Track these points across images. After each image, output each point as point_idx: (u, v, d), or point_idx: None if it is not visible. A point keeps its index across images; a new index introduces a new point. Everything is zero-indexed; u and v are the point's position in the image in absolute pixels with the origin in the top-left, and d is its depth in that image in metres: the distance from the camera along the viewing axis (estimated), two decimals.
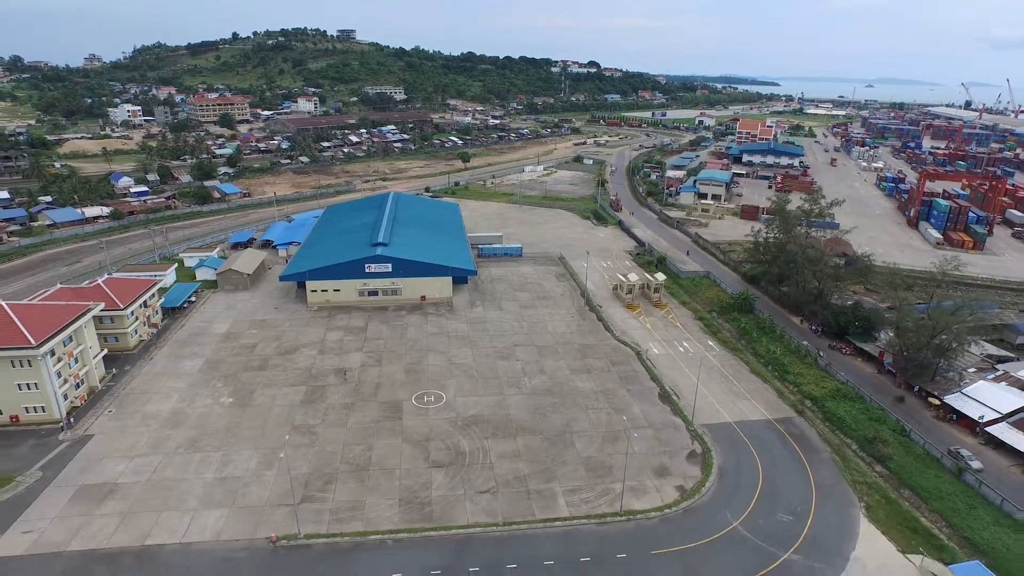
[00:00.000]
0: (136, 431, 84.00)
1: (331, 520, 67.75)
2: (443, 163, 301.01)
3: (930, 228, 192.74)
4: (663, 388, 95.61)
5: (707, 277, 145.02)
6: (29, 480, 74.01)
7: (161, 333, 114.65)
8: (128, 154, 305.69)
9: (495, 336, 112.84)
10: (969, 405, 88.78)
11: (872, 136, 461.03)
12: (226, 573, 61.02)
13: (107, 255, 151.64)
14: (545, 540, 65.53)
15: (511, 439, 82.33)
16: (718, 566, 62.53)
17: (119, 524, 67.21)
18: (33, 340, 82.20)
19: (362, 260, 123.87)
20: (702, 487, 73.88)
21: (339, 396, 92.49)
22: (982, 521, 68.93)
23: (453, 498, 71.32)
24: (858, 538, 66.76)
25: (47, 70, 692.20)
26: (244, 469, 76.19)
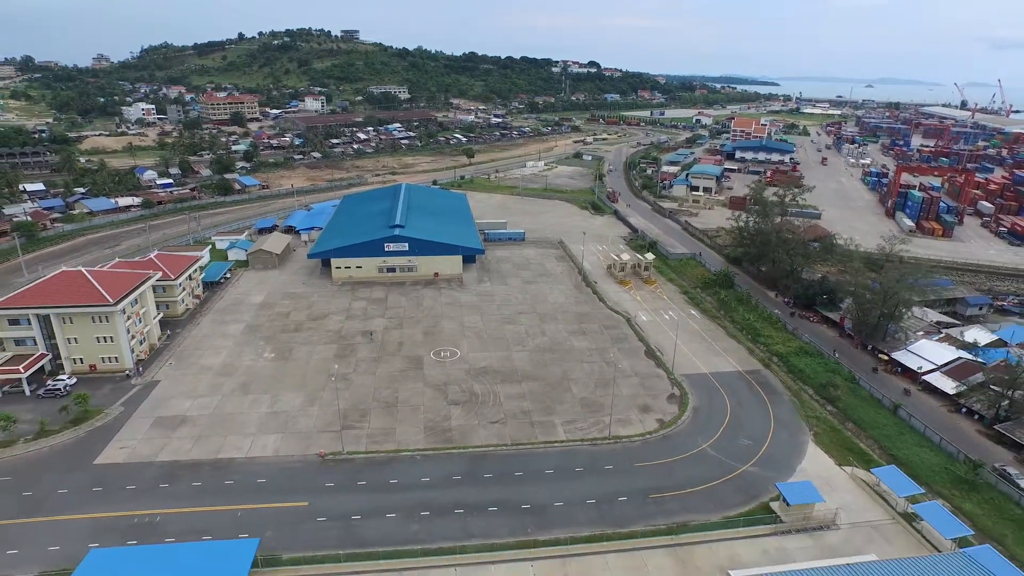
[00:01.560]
0: (195, 378, 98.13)
1: (368, 442, 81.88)
2: (448, 159, 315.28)
3: (905, 217, 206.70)
4: (649, 347, 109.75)
5: (693, 259, 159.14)
6: (114, 413, 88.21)
7: (204, 303, 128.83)
8: (146, 150, 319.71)
9: (501, 306, 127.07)
10: (911, 359, 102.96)
11: (864, 135, 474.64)
12: (286, 477, 75.11)
13: (148, 238, 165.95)
14: (546, 457, 79.62)
15: (517, 384, 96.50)
16: (689, 474, 76.59)
17: (194, 443, 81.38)
18: (110, 299, 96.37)
19: (382, 240, 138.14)
20: (678, 420, 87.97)
21: (367, 352, 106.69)
22: (907, 443, 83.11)
23: (468, 427, 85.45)
24: (805, 456, 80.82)
25: (58, 70, 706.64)
26: (291, 406, 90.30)
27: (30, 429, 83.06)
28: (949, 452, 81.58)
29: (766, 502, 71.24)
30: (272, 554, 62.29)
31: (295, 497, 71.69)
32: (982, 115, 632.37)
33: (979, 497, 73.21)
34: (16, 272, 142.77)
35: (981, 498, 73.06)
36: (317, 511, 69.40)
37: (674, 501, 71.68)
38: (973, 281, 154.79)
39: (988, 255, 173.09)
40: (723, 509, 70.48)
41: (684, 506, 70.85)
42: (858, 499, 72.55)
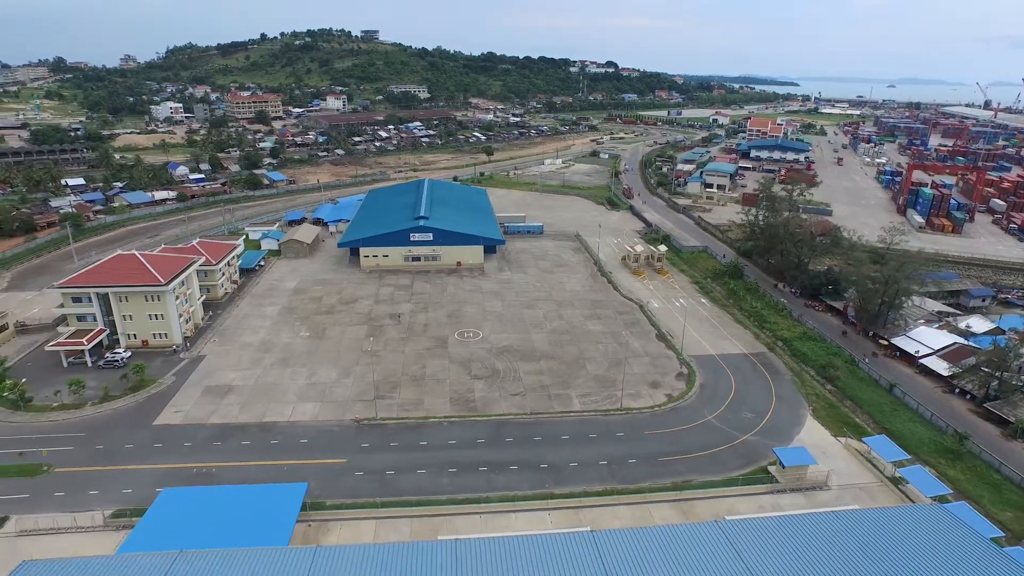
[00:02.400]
0: (238, 354, 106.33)
1: (399, 410, 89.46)
2: (468, 156, 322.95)
3: (915, 214, 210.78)
4: (659, 330, 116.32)
5: (705, 251, 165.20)
6: (167, 382, 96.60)
7: (241, 288, 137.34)
8: (175, 147, 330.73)
9: (521, 292, 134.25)
10: (909, 344, 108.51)
11: (882, 134, 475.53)
12: (326, 439, 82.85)
13: (185, 229, 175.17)
14: (562, 425, 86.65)
15: (535, 362, 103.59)
16: (694, 441, 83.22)
17: (241, 409, 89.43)
18: (162, 279, 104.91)
19: (407, 230, 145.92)
20: (686, 395, 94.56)
21: (395, 332, 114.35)
22: (900, 419, 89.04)
23: (491, 398, 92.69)
24: (803, 427, 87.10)
25: (88, 70, 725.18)
26: (327, 378, 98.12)
27: (95, 395, 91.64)
28: (939, 426, 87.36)
29: (764, 465, 77.69)
30: (317, 500, 69.91)
31: (334, 455, 79.37)
32: (1005, 115, 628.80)
33: (963, 465, 79.06)
34: (67, 259, 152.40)
35: (964, 465, 78.91)
36: (355, 467, 77.05)
37: (679, 464, 78.37)
38: (980, 275, 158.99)
39: (996, 251, 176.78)
40: (724, 471, 77.09)
41: (689, 468, 77.52)
42: (850, 465, 78.77)
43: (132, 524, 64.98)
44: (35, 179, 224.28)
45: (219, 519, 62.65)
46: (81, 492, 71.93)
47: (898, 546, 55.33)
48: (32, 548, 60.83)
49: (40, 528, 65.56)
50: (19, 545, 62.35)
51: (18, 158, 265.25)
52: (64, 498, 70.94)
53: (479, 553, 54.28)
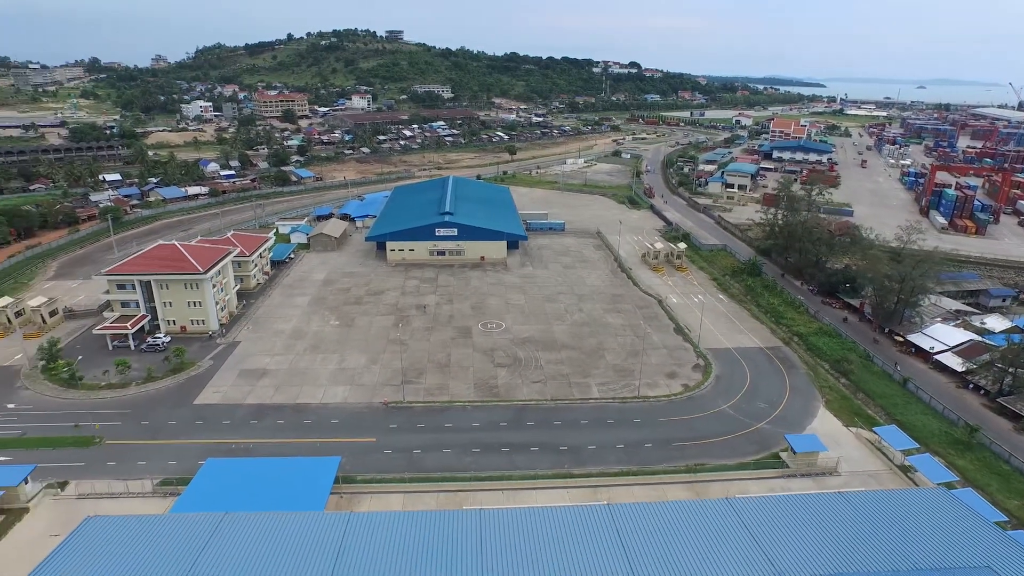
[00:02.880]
0: (271, 340, 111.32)
1: (425, 394, 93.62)
2: (491, 155, 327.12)
3: (938, 215, 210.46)
4: (677, 324, 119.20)
5: (724, 250, 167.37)
6: (205, 365, 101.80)
7: (272, 279, 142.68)
8: (206, 144, 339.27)
9: (542, 287, 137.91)
10: (925, 340, 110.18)
11: (908, 136, 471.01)
12: (356, 419, 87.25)
13: (218, 223, 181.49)
14: (581, 411, 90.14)
15: (556, 352, 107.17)
16: (708, 428, 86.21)
17: (275, 391, 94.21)
18: (200, 268, 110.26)
19: (432, 225, 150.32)
20: (701, 385, 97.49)
21: (421, 323, 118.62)
22: (912, 411, 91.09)
23: (513, 385, 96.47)
24: (816, 417, 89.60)
25: (121, 70, 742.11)
26: (356, 364, 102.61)
27: (139, 375, 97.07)
28: (950, 419, 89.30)
29: (776, 452, 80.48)
30: (348, 474, 74.16)
31: (364, 434, 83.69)
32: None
33: (972, 456, 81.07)
34: (108, 250, 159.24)
35: (974, 456, 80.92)
36: (384, 445, 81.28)
37: (694, 448, 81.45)
38: (1002, 276, 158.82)
39: (1021, 252, 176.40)
40: (737, 456, 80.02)
41: (702, 452, 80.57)
42: (860, 453, 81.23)
43: (178, 492, 69.81)
44: (75, 175, 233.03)
45: (259, 487, 67.22)
46: (130, 462, 77.06)
47: (902, 525, 57.95)
48: (90, 509, 65.52)
49: (96, 492, 70.72)
50: (79, 506, 67.47)
51: (58, 155, 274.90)
52: (115, 467, 76.11)
53: (502, 521, 57.99)
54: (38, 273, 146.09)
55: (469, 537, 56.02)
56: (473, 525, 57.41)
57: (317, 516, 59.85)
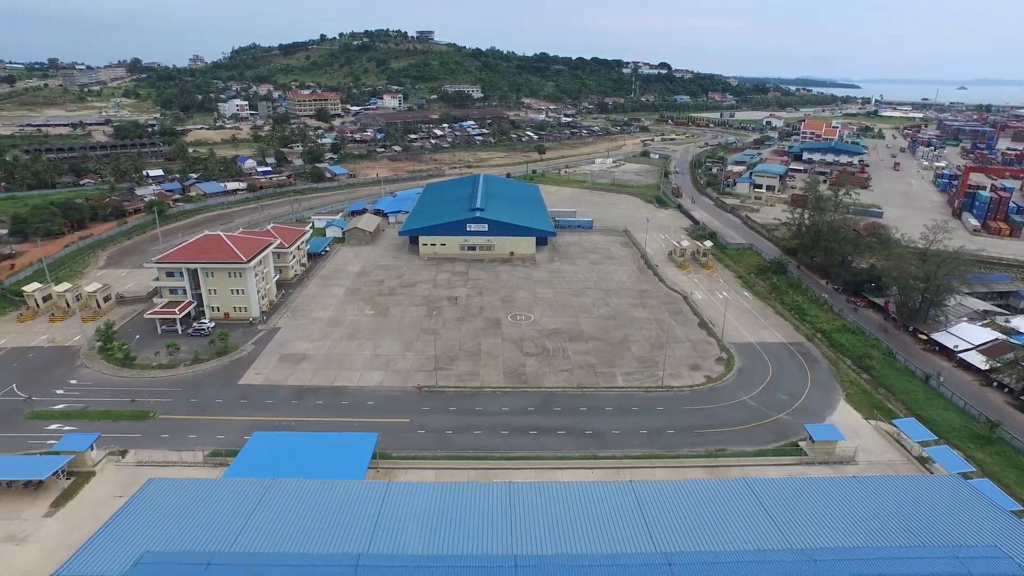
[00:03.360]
0: (309, 327, 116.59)
1: (456, 379, 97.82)
2: (520, 155, 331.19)
3: (971, 217, 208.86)
4: (702, 319, 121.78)
5: (750, 249, 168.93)
6: (248, 350, 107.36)
7: (309, 271, 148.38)
8: (242, 142, 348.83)
9: (570, 281, 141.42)
10: (949, 339, 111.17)
11: (944, 137, 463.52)
12: (390, 401, 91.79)
13: (256, 217, 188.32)
14: (607, 398, 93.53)
15: (583, 343, 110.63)
16: (729, 417, 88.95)
17: (314, 374, 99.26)
18: (244, 257, 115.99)
19: (464, 221, 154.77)
20: (724, 377, 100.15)
21: (452, 313, 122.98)
22: (934, 406, 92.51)
23: (541, 373, 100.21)
24: (836, 410, 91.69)
25: (160, 70, 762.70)
26: (391, 351, 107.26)
27: (186, 357, 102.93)
28: (971, 414, 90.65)
29: (795, 440, 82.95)
30: (384, 451, 78.56)
31: (399, 415, 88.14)
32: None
33: (992, 450, 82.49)
34: (153, 241, 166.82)
35: (993, 450, 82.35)
36: (417, 426, 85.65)
37: (714, 435, 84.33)
38: None
39: None
40: (756, 444, 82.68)
41: (723, 439, 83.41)
42: (878, 444, 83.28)
43: (227, 463, 74.86)
44: (121, 170, 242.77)
45: (303, 458, 71.96)
46: (182, 435, 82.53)
47: (913, 507, 60.32)
48: (149, 475, 70.87)
49: (153, 460, 76.25)
50: (138, 472, 72.91)
51: (104, 151, 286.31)
52: (169, 439, 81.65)
53: (530, 493, 61.74)
54: (90, 262, 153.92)
55: (499, 506, 59.86)
56: (503, 496, 61.25)
57: (357, 484, 64.28)
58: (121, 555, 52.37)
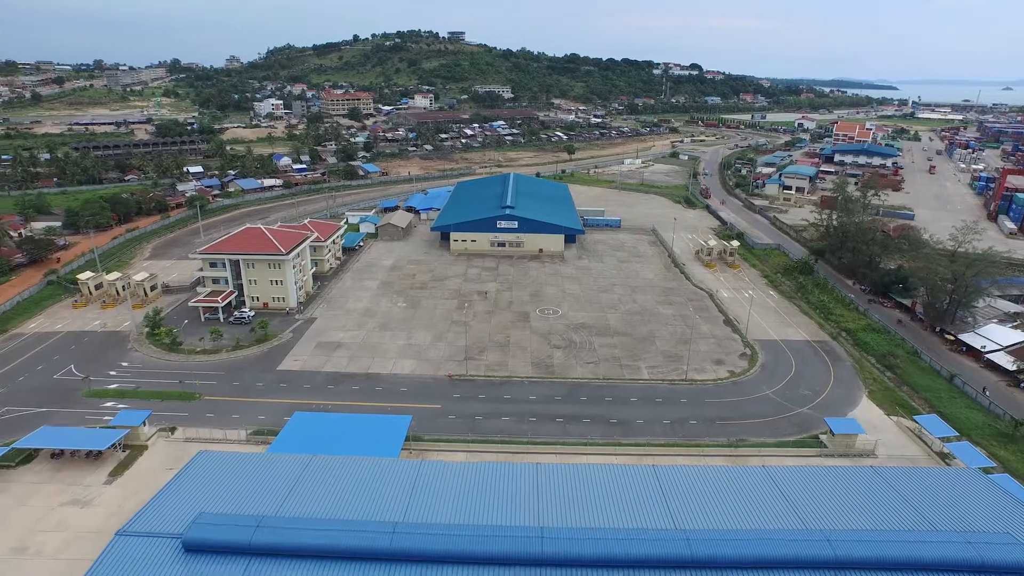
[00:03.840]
0: (344, 318, 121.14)
1: (486, 369, 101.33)
2: (550, 154, 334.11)
3: (1007, 220, 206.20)
4: (727, 316, 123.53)
5: (778, 249, 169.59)
6: (286, 337, 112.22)
7: (344, 264, 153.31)
8: (276, 140, 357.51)
9: (598, 278, 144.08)
10: (976, 340, 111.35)
11: (985, 140, 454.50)
12: (422, 388, 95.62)
13: (293, 212, 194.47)
14: (631, 389, 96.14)
15: (609, 337, 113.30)
16: (751, 410, 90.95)
17: (348, 361, 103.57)
18: (283, 249, 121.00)
19: (494, 218, 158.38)
20: (747, 372, 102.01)
21: (482, 307, 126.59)
22: (957, 405, 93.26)
23: (568, 364, 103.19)
24: (858, 406, 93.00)
25: (198, 70, 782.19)
26: (423, 341, 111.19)
27: (228, 344, 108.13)
28: (996, 414, 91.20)
29: (815, 434, 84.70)
30: (416, 434, 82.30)
31: (430, 402, 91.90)
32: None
33: (1016, 447, 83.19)
34: (195, 234, 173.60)
35: (1017, 448, 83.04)
36: (448, 412, 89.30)
37: (736, 427, 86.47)
38: None
39: None
40: (777, 436, 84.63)
41: (744, 431, 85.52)
42: (899, 439, 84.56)
43: (268, 441, 79.20)
44: (163, 167, 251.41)
45: (340, 437, 75.99)
46: (226, 416, 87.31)
47: (929, 495, 62.00)
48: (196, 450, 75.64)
49: (200, 437, 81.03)
50: (186, 447, 77.72)
51: (147, 149, 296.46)
52: (213, 418, 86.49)
53: (557, 473, 64.78)
54: (136, 254, 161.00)
55: (526, 484, 63.04)
56: (530, 475, 64.43)
57: (392, 461, 68.01)
58: (178, 516, 56.72)
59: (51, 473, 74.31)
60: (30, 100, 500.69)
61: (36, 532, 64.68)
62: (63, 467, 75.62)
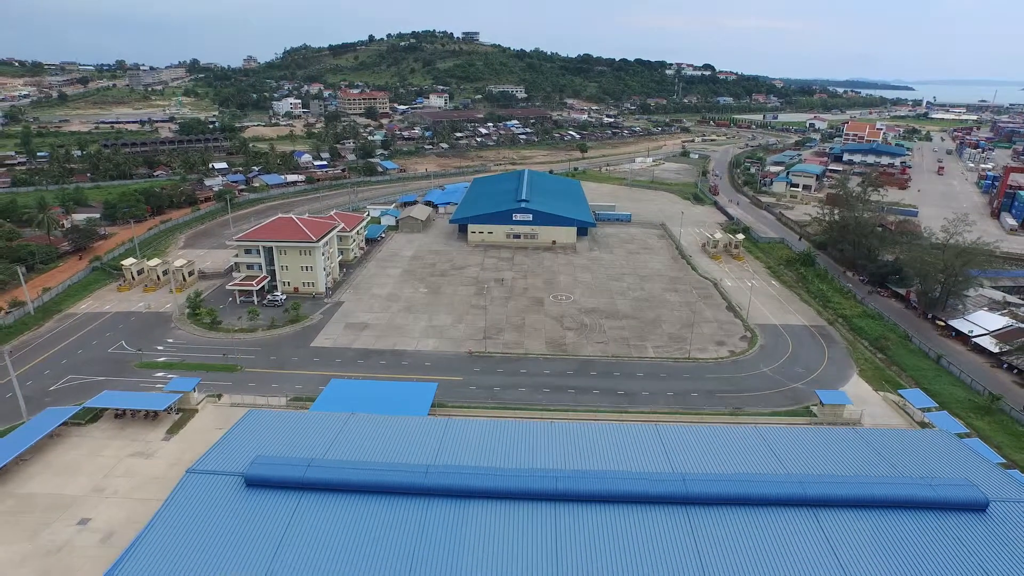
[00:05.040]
0: (370, 302, 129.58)
1: (503, 347, 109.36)
2: (562, 153, 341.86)
3: (1009, 217, 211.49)
4: (730, 303, 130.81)
5: (781, 242, 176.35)
6: (317, 318, 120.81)
7: (367, 254, 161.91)
8: (297, 138, 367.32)
9: (608, 268, 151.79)
10: (965, 325, 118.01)
11: (996, 139, 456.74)
12: (445, 363, 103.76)
13: (316, 206, 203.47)
14: (638, 365, 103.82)
15: (618, 320, 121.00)
16: (749, 385, 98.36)
17: (376, 339, 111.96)
18: (313, 237, 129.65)
19: (510, 211, 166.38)
20: (746, 352, 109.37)
21: (499, 293, 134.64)
22: (942, 383, 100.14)
23: (579, 344, 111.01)
24: (848, 382, 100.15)
25: (217, 70, 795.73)
26: (444, 322, 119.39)
27: (264, 323, 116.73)
28: (977, 390, 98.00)
29: (807, 405, 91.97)
30: (441, 401, 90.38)
31: (452, 375, 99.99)
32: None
33: (991, 419, 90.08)
34: (224, 226, 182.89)
35: (993, 419, 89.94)
36: (469, 383, 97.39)
37: (734, 398, 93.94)
38: None
39: None
40: (772, 407, 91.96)
41: (741, 402, 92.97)
42: (884, 411, 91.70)
43: (306, 407, 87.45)
44: (190, 163, 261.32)
45: (374, 400, 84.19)
46: (266, 385, 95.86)
47: (901, 450, 69.27)
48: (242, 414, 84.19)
49: (244, 403, 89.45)
50: (233, 411, 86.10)
51: (172, 146, 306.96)
52: (255, 387, 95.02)
53: (567, 431, 72.65)
54: (171, 243, 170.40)
55: (542, 438, 70.92)
56: (545, 431, 72.35)
57: (422, 419, 76.35)
58: (238, 459, 65.09)
59: (116, 430, 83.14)
60: (57, 100, 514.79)
61: (110, 477, 73.46)
62: (126, 426, 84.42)
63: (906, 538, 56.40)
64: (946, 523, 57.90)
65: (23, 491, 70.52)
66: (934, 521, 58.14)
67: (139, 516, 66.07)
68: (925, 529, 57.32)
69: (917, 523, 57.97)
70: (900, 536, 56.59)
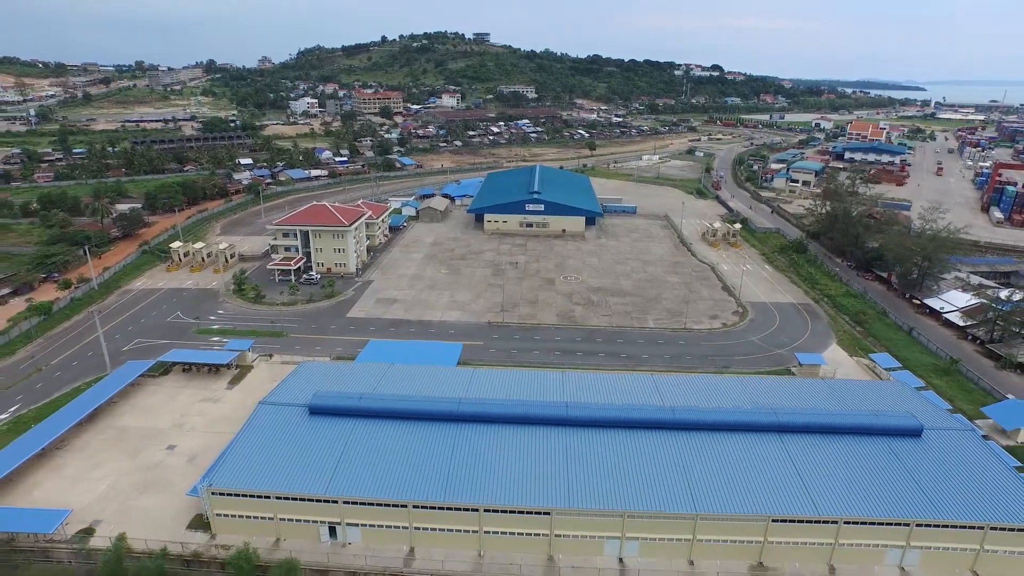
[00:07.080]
0: (397, 280, 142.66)
1: (519, 318, 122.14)
2: (572, 151, 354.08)
3: (996, 211, 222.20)
4: (725, 284, 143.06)
5: (777, 232, 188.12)
6: (350, 294, 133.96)
7: (391, 241, 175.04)
8: (313, 136, 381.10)
9: (614, 253, 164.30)
10: (937, 303, 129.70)
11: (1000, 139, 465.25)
12: (467, 331, 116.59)
13: (339, 199, 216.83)
14: (639, 334, 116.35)
15: (622, 297, 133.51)
16: (738, 350, 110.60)
17: (405, 311, 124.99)
18: (345, 222, 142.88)
19: (523, 201, 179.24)
20: (737, 324, 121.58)
21: (514, 274, 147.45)
22: (912, 351, 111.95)
23: (586, 316, 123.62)
24: (827, 350, 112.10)
25: (233, 71, 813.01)
26: (464, 298, 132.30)
27: (302, 298, 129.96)
28: (940, 356, 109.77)
29: (787, 367, 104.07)
30: (465, 360, 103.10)
31: (474, 340, 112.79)
32: None
33: (949, 379, 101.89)
34: (256, 215, 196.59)
35: (950, 379, 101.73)
36: (489, 347, 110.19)
37: (724, 361, 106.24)
38: None
39: None
40: (757, 368, 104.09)
41: (730, 364, 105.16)
42: (855, 371, 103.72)
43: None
44: (217, 159, 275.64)
45: (408, 356, 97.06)
46: (310, 348, 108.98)
47: (863, 397, 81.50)
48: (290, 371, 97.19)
49: (294, 361, 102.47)
50: (283, 368, 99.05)
51: (197, 143, 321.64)
52: (300, 349, 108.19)
53: (577, 380, 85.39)
54: (208, 231, 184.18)
55: (555, 383, 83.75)
56: (557, 378, 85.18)
57: (452, 369, 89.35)
58: (300, 394, 78.25)
59: (185, 381, 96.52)
60: (82, 100, 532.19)
61: (187, 416, 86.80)
62: (192, 378, 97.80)
63: (852, 454, 68.90)
64: (887, 445, 70.24)
65: (119, 424, 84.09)
66: (878, 443, 70.56)
67: (215, 444, 79.05)
68: (870, 449, 69.74)
69: (864, 445, 70.48)
70: (848, 453, 69.07)
